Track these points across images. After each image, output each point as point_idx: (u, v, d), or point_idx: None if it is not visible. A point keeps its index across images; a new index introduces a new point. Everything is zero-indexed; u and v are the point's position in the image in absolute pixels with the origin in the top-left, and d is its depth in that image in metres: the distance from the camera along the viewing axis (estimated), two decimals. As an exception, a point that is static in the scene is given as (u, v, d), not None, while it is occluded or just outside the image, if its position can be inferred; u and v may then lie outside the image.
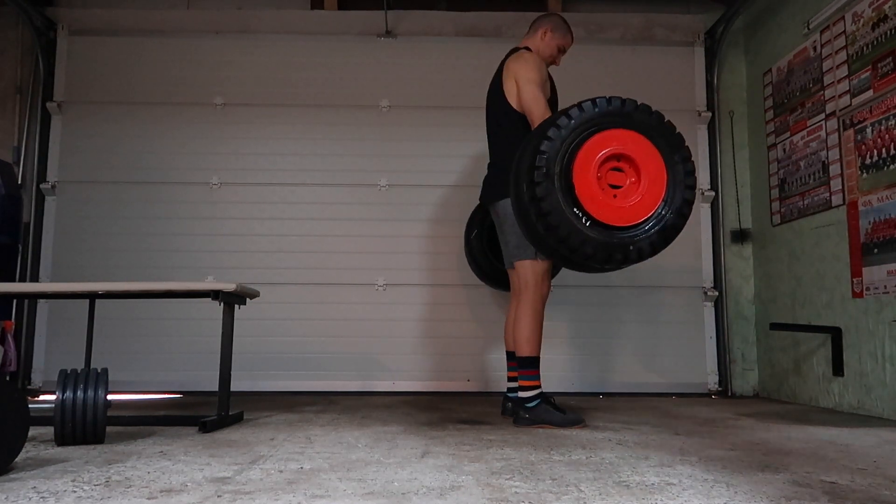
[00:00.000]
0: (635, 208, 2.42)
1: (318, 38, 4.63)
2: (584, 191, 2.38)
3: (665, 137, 2.47)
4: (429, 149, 4.52)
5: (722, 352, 4.45)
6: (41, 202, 4.44)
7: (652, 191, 2.42)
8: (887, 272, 3.19)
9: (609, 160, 2.43)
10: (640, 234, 2.41)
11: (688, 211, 2.48)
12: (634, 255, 2.40)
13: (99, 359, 2.89)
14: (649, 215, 2.42)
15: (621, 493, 1.59)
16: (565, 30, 3.14)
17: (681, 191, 2.45)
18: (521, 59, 2.98)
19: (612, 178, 2.45)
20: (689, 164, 2.48)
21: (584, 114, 2.45)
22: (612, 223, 2.39)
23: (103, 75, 4.56)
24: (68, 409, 2.24)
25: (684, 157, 2.48)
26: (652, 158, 2.44)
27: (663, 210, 2.43)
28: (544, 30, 3.10)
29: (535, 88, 2.85)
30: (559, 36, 3.11)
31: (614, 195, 2.43)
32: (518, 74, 2.92)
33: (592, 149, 2.40)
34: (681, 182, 2.45)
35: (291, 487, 1.63)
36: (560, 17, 3.17)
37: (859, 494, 1.61)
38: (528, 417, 2.78)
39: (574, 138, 2.41)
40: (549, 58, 3.12)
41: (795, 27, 4.00)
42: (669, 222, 2.44)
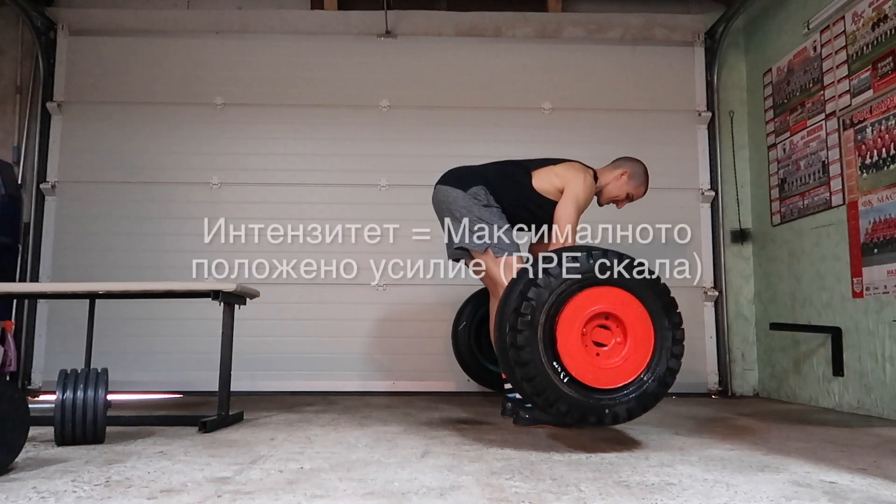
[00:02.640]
0: (617, 371, 2.31)
1: (318, 38, 4.63)
2: (567, 346, 2.27)
3: (659, 299, 2.39)
4: (429, 149, 4.52)
5: (722, 352, 4.45)
6: (41, 202, 4.44)
7: (637, 355, 2.33)
8: (887, 272, 3.19)
9: (597, 317, 2.34)
10: (619, 399, 2.30)
11: (671, 380, 2.37)
12: (609, 420, 2.29)
13: (99, 359, 2.89)
14: (630, 380, 2.31)
15: (621, 493, 1.59)
16: (642, 180, 3.11)
17: (666, 358, 2.36)
18: (583, 177, 2.93)
19: (597, 335, 2.35)
20: (678, 332, 2.40)
21: (577, 265, 2.34)
22: (590, 384, 2.28)
23: (103, 75, 4.56)
24: (68, 409, 2.24)
25: (675, 324, 2.39)
26: (641, 321, 2.35)
27: (646, 376, 2.33)
28: (623, 171, 3.08)
29: (574, 210, 2.85)
30: (634, 185, 3.09)
31: (597, 353, 2.34)
32: (570, 186, 2.90)
33: (581, 304, 2.31)
34: (668, 349, 2.37)
35: (291, 487, 1.63)
36: (643, 168, 3.12)
37: (859, 494, 1.61)
38: (527, 417, 2.78)
39: (564, 289, 2.31)
40: (613, 198, 3.12)
41: (795, 27, 4.00)
42: (650, 390, 2.32)
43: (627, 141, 4.30)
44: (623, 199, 3.13)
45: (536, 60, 4.64)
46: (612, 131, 4.51)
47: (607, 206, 3.25)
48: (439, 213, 3.06)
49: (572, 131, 4.53)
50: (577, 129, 4.54)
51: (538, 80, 4.61)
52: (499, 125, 4.58)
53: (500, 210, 2.93)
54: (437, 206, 3.06)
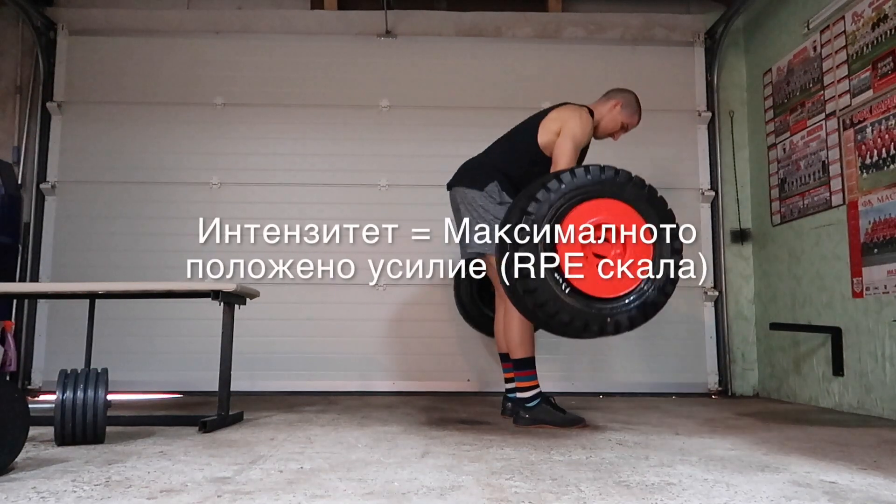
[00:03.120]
0: (618, 281, 2.37)
1: (318, 38, 4.63)
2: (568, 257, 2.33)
3: (656, 211, 2.43)
4: (429, 149, 4.52)
5: (722, 352, 4.45)
6: (41, 202, 4.44)
7: (636, 264, 2.38)
8: (887, 272, 3.19)
9: (596, 229, 2.39)
10: (620, 308, 2.35)
11: (671, 289, 2.42)
12: (611, 328, 2.35)
13: (99, 359, 2.89)
14: (631, 289, 2.37)
15: (621, 493, 1.59)
16: (635, 109, 3.12)
17: (665, 267, 2.40)
18: (577, 115, 2.96)
19: (597, 247, 2.40)
20: (676, 242, 2.43)
21: (575, 180, 2.40)
22: (592, 293, 2.34)
23: (103, 75, 4.56)
24: (68, 409, 2.24)
25: (673, 235, 2.43)
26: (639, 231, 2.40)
27: (646, 285, 2.38)
28: (616, 102, 3.08)
29: (571, 146, 2.85)
30: (627, 114, 3.10)
31: (598, 265, 2.38)
32: (566, 124, 2.91)
33: (580, 216, 2.37)
34: (667, 259, 2.41)
35: (291, 487, 1.63)
36: (635, 96, 3.13)
37: (859, 494, 1.61)
38: (527, 417, 2.78)
39: (563, 203, 2.37)
40: (609, 131, 3.12)
41: (795, 27, 4.00)
42: (651, 298, 2.38)
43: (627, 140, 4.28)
44: (619, 130, 3.14)
45: (536, 60, 4.63)
46: (612, 131, 4.51)
47: None
48: (456, 213, 3.06)
49: (572, 131, 4.52)
50: (577, 129, 4.53)
51: (538, 80, 4.60)
52: (499, 125, 4.52)
53: None
54: (455, 207, 3.06)
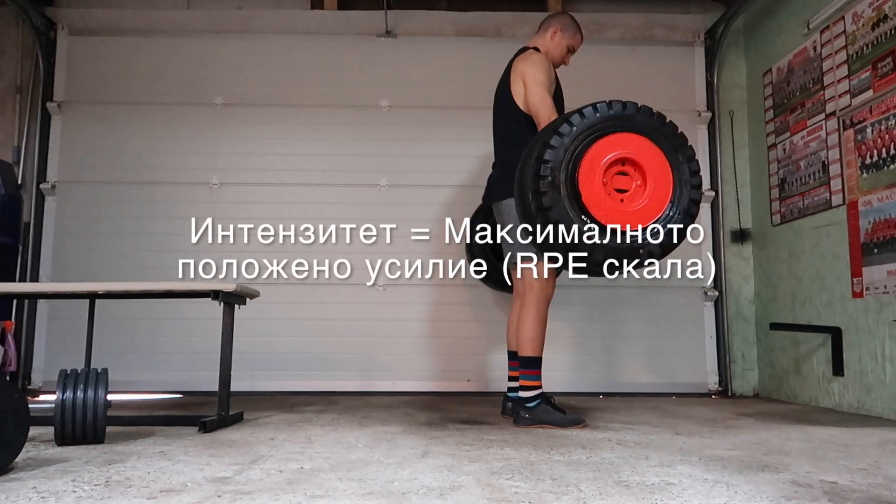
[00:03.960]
0: (643, 211, 2.42)
1: (318, 38, 4.63)
2: (591, 197, 2.37)
3: (668, 138, 2.48)
4: (429, 149, 4.52)
5: (722, 352, 4.45)
6: (41, 202, 4.44)
7: (658, 193, 2.43)
8: (887, 272, 3.19)
9: (613, 165, 2.43)
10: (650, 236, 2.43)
11: (695, 210, 2.49)
12: (645, 257, 2.41)
13: (99, 359, 2.89)
14: (657, 217, 2.43)
15: (621, 493, 1.59)
16: (575, 29, 3.12)
17: (687, 190, 2.45)
18: (529, 59, 2.97)
19: (617, 182, 2.44)
20: (693, 164, 2.49)
21: (585, 119, 2.44)
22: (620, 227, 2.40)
23: (103, 75, 4.56)
24: (68, 409, 2.24)
25: (689, 157, 2.48)
26: (656, 160, 2.44)
27: (671, 211, 2.44)
28: (554, 29, 3.09)
29: (542, 90, 2.84)
30: (569, 35, 3.10)
31: (621, 199, 2.43)
32: (526, 75, 2.91)
33: (596, 154, 2.40)
34: (686, 182, 2.46)
35: (291, 487, 1.63)
36: (570, 17, 3.15)
37: (859, 494, 1.61)
38: (528, 417, 2.78)
39: (577, 145, 2.41)
40: (559, 59, 3.11)
41: (795, 27, 4.00)
42: (677, 222, 2.45)
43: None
44: (566, 54, 3.13)
45: (536, 60, 4.63)
46: (612, 131, 4.51)
47: None
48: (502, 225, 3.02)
49: (572, 131, 4.53)
50: (577, 129, 4.53)
51: (538, 80, 4.60)
52: (499, 125, 4.57)
53: None
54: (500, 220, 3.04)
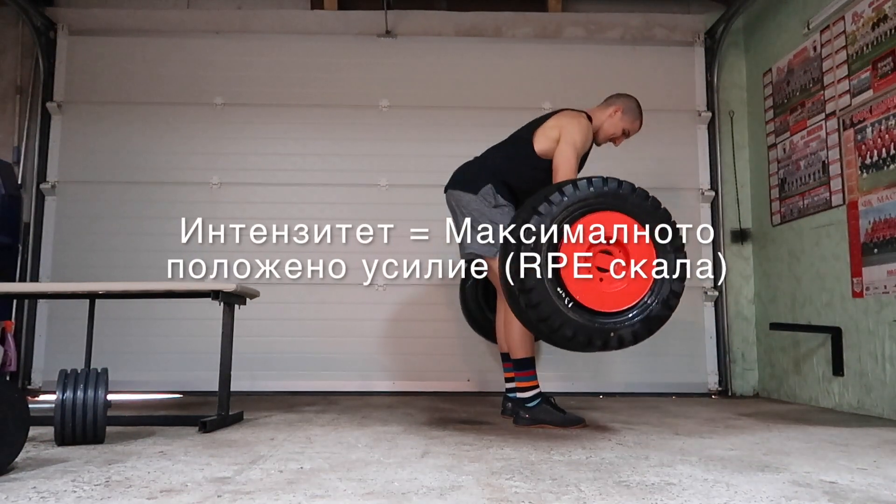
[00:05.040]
0: (621, 294, 2.34)
1: (318, 38, 4.63)
2: (570, 272, 2.30)
3: (660, 223, 2.39)
4: (429, 149, 4.52)
5: (722, 352, 4.45)
6: (41, 202, 4.44)
7: (640, 278, 2.35)
8: (887, 272, 3.19)
9: (599, 242, 2.37)
10: (624, 322, 2.32)
11: (675, 303, 2.38)
12: (615, 343, 2.32)
13: (99, 359, 2.89)
14: (634, 303, 2.34)
15: (621, 493, 1.59)
16: (636, 115, 3.10)
17: (669, 281, 2.36)
18: (577, 120, 2.95)
19: (600, 260, 2.37)
20: (680, 254, 2.40)
21: (577, 192, 2.37)
22: (595, 307, 2.31)
23: (103, 75, 4.56)
24: (68, 409, 2.24)
25: (676, 247, 2.40)
26: (643, 245, 2.36)
27: (649, 299, 2.34)
28: (616, 108, 3.07)
29: (573, 152, 2.84)
30: (628, 120, 3.08)
31: (601, 279, 2.36)
32: (565, 131, 2.90)
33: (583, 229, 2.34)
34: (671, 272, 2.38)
35: (291, 487, 1.63)
36: (636, 102, 3.12)
37: (859, 494, 1.61)
38: (527, 417, 2.78)
39: (565, 216, 2.34)
40: (609, 137, 3.11)
41: (795, 27, 4.00)
42: (654, 312, 2.34)
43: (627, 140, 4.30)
44: (620, 136, 3.12)
45: (536, 60, 4.63)
46: (612, 131, 4.51)
47: None
48: (453, 215, 3.07)
49: (572, 131, 4.53)
50: (577, 129, 4.54)
51: (538, 80, 4.61)
52: (499, 125, 4.52)
53: (510, 208, 2.92)
54: (451, 209, 3.07)
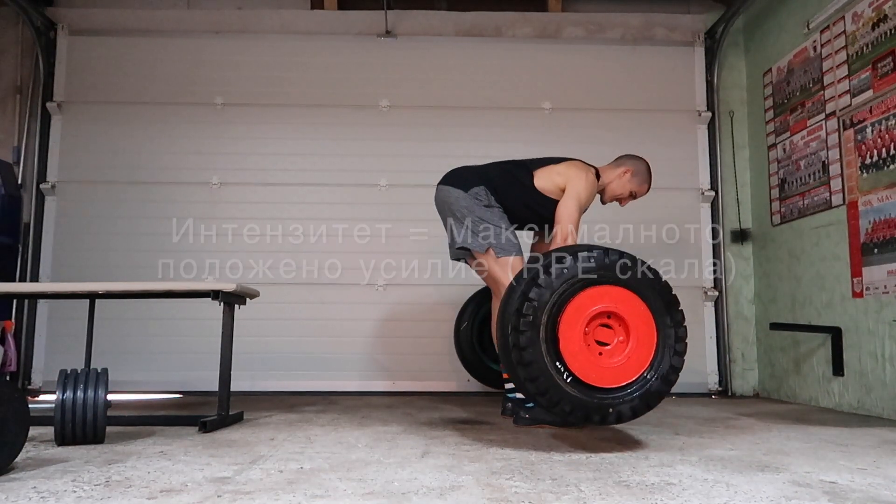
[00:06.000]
0: (620, 370, 2.31)
1: (318, 38, 4.63)
2: (569, 346, 2.27)
3: (660, 298, 2.37)
4: (429, 149, 4.52)
5: (722, 352, 4.45)
6: (41, 202, 4.44)
7: (639, 353, 2.32)
8: (887, 272, 3.19)
9: (599, 316, 2.34)
10: (623, 397, 2.29)
11: (674, 378, 2.37)
12: (613, 419, 2.29)
13: (99, 359, 2.89)
14: (633, 379, 2.31)
15: (621, 493, 1.59)
16: (645, 179, 3.10)
17: (669, 356, 2.35)
18: (584, 175, 2.94)
19: (599, 334, 2.35)
20: (681, 330, 2.38)
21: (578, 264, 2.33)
22: (593, 383, 2.28)
23: (103, 75, 4.56)
24: (68, 409, 2.24)
25: (677, 322, 2.38)
26: (643, 320, 2.34)
27: (649, 374, 2.32)
28: (626, 169, 3.06)
29: (576, 208, 2.85)
30: (636, 183, 3.08)
31: (600, 353, 2.33)
32: (572, 184, 2.90)
33: (583, 303, 2.31)
34: (670, 347, 2.36)
35: (291, 487, 1.63)
36: (646, 165, 3.12)
37: (859, 494, 1.61)
38: (527, 417, 2.78)
39: (566, 289, 2.31)
40: (616, 196, 3.11)
41: (795, 27, 4.00)
42: (654, 388, 2.32)
43: (627, 141, 4.30)
44: (626, 197, 3.12)
45: (536, 60, 4.64)
46: (611, 131, 4.52)
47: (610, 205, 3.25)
48: (441, 213, 3.06)
49: (572, 131, 4.53)
50: (578, 128, 4.54)
51: (538, 80, 4.61)
52: (499, 125, 4.58)
53: (501, 210, 2.93)
54: (440, 206, 3.06)
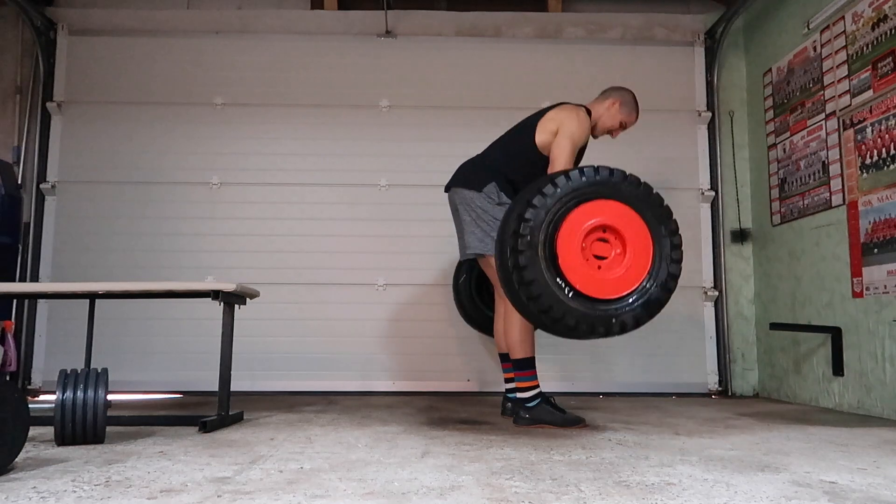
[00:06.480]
0: (620, 281, 2.36)
1: (318, 38, 4.63)
2: (568, 261, 2.31)
3: (653, 209, 2.42)
4: (429, 149, 4.52)
5: (722, 352, 4.45)
6: (41, 202, 4.44)
7: (637, 263, 2.37)
8: (887, 272, 3.19)
9: (594, 231, 2.38)
10: (624, 308, 2.35)
11: (673, 285, 2.42)
12: (617, 329, 2.34)
13: (99, 359, 2.89)
14: (633, 288, 2.36)
15: (621, 493, 1.59)
16: (633, 107, 3.12)
17: (666, 264, 2.40)
18: (575, 114, 2.96)
19: (597, 248, 2.39)
20: (675, 238, 2.43)
21: (570, 182, 2.39)
22: (595, 295, 2.33)
23: (103, 75, 4.56)
24: (68, 409, 2.24)
25: (671, 231, 2.43)
26: (638, 231, 2.39)
27: (648, 283, 2.37)
28: (613, 101, 3.08)
29: (570, 146, 2.86)
30: (625, 112, 3.10)
31: (598, 266, 2.38)
32: (563, 125, 2.91)
33: (578, 219, 2.35)
34: (667, 256, 2.41)
35: (291, 487, 1.63)
36: (632, 95, 3.14)
37: (859, 494, 1.61)
38: (527, 417, 2.78)
39: (560, 207, 2.36)
40: (607, 129, 3.12)
41: (795, 27, 4.00)
42: (654, 296, 2.38)
43: (627, 140, 4.30)
44: (617, 128, 3.13)
45: (536, 60, 4.64)
46: (612, 131, 4.52)
47: None
48: (455, 215, 3.06)
49: (572, 131, 4.53)
50: (577, 129, 4.54)
51: (538, 80, 4.61)
52: (499, 125, 4.52)
53: None
54: (453, 209, 3.06)
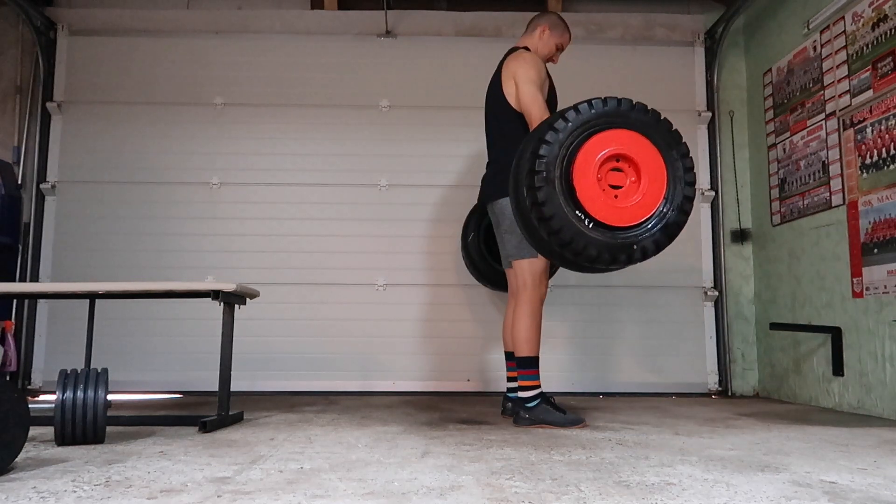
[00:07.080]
0: (637, 207, 2.43)
1: (318, 38, 4.63)
2: (586, 193, 2.38)
3: (662, 135, 2.49)
4: (429, 149, 4.52)
5: (722, 352, 4.45)
6: (41, 202, 4.44)
7: (653, 189, 2.44)
8: (887, 272, 3.19)
9: (608, 161, 2.44)
10: (644, 233, 2.43)
11: (689, 207, 2.50)
12: (639, 255, 2.42)
13: (99, 359, 2.89)
14: (651, 214, 2.44)
15: (621, 493, 1.59)
16: (563, 28, 3.14)
17: (681, 187, 2.47)
18: (520, 58, 2.98)
19: (612, 178, 2.46)
20: (687, 161, 2.50)
21: (580, 116, 2.45)
22: (614, 224, 2.41)
23: (103, 75, 4.56)
24: (68, 409, 2.24)
25: (683, 154, 2.49)
26: (651, 157, 2.45)
27: (665, 207, 2.45)
28: (542, 28, 3.11)
29: (533, 89, 2.85)
30: (557, 34, 3.12)
31: (615, 195, 2.44)
32: (517, 74, 2.92)
33: (591, 150, 2.42)
34: (680, 178, 2.48)
35: (291, 487, 1.63)
36: (557, 16, 3.18)
37: (859, 494, 1.61)
38: (528, 417, 2.78)
39: (572, 141, 2.42)
40: (547, 56, 3.14)
41: (795, 27, 4.00)
42: (672, 219, 2.46)
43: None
44: (555, 52, 3.15)
45: (536, 60, 4.64)
46: (612, 131, 4.52)
47: None
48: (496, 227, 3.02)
49: (572, 131, 4.53)
50: (577, 129, 4.54)
51: (538, 80, 4.61)
52: (499, 125, 4.58)
53: None
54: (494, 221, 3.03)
